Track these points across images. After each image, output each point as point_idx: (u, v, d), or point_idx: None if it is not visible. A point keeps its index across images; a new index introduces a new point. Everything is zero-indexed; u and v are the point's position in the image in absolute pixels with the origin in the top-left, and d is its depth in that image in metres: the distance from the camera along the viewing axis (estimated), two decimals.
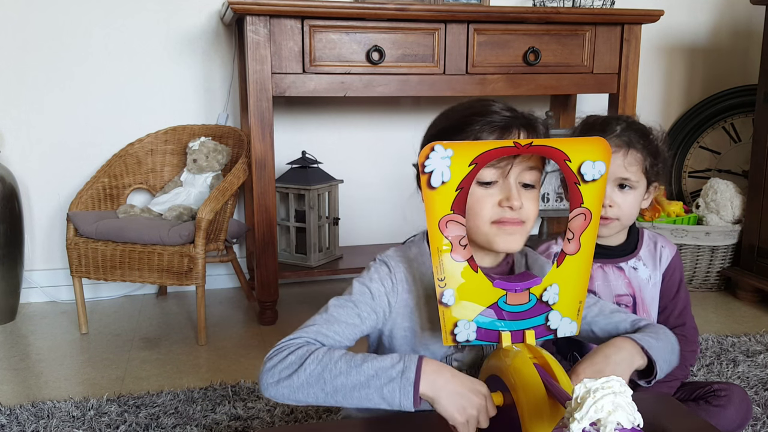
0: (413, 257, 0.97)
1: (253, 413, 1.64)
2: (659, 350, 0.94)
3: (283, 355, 0.84)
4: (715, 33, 3.02)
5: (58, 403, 1.70)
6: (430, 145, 0.77)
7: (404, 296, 0.95)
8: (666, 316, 1.31)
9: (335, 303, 0.93)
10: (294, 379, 0.82)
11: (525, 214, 0.89)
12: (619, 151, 1.20)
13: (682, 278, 1.33)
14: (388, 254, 0.98)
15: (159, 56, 2.49)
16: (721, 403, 1.21)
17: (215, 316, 2.36)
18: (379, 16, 2.13)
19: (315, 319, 0.91)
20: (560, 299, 0.87)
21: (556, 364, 0.79)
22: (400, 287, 0.95)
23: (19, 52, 2.38)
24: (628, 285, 1.27)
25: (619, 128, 1.22)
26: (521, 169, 0.88)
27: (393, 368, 0.80)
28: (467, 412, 0.80)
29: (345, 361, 0.82)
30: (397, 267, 0.96)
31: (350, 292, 0.95)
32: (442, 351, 0.96)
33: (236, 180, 2.17)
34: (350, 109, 2.68)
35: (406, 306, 0.95)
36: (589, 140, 0.81)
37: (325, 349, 0.84)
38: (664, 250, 1.31)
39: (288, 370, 0.83)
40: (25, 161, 2.43)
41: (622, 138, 1.21)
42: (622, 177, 1.21)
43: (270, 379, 0.84)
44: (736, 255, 2.60)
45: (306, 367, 0.82)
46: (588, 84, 2.39)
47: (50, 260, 2.53)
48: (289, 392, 0.83)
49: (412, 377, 0.79)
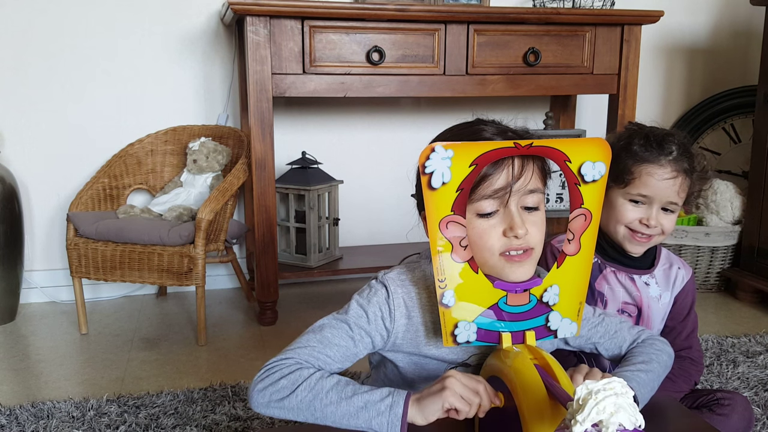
0: (416, 281, 0.94)
1: (253, 414, 1.64)
2: (647, 384, 0.95)
3: (275, 377, 0.85)
4: (715, 34, 3.03)
5: (57, 403, 1.70)
6: (430, 146, 0.77)
7: (402, 321, 0.93)
8: (673, 337, 1.31)
9: (330, 323, 0.92)
10: (285, 403, 0.84)
11: (532, 241, 0.86)
12: (678, 177, 1.19)
13: (693, 302, 1.32)
14: (390, 276, 0.95)
15: (159, 57, 2.49)
16: (725, 412, 1.21)
17: (215, 317, 2.36)
18: (379, 17, 2.13)
19: (308, 339, 0.90)
20: (560, 300, 0.87)
21: (557, 365, 0.79)
22: (398, 313, 0.92)
23: (20, 53, 2.38)
24: (637, 296, 1.27)
25: (675, 150, 1.20)
26: (521, 194, 0.85)
27: (382, 402, 0.81)
28: (447, 388, 0.80)
29: (336, 391, 0.83)
30: (395, 292, 0.93)
31: (347, 311, 0.93)
32: (442, 368, 0.95)
33: (236, 180, 2.17)
34: (350, 110, 2.68)
35: (407, 331, 0.94)
36: (589, 141, 0.81)
37: (317, 376, 0.85)
38: (679, 272, 1.31)
39: (279, 394, 0.84)
40: (25, 161, 2.43)
41: (681, 164, 1.20)
42: (672, 201, 1.21)
43: (261, 400, 0.85)
44: (736, 256, 2.60)
45: (297, 394, 0.83)
46: (588, 85, 2.40)
47: (50, 260, 2.53)
48: (279, 413, 0.85)
49: (400, 412, 0.80)
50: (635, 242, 1.23)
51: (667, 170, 1.19)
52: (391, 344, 0.95)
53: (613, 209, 1.24)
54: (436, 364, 0.96)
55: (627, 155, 1.21)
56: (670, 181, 1.19)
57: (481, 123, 0.93)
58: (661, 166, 1.19)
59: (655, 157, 1.19)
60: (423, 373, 0.97)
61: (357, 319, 0.92)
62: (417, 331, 0.93)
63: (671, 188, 1.19)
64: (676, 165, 1.19)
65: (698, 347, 1.33)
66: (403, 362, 0.97)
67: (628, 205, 1.22)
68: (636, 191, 1.21)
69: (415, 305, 0.93)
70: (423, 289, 0.94)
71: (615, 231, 1.24)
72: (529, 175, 0.85)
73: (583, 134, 2.73)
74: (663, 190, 1.19)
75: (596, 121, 2.80)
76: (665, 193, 1.19)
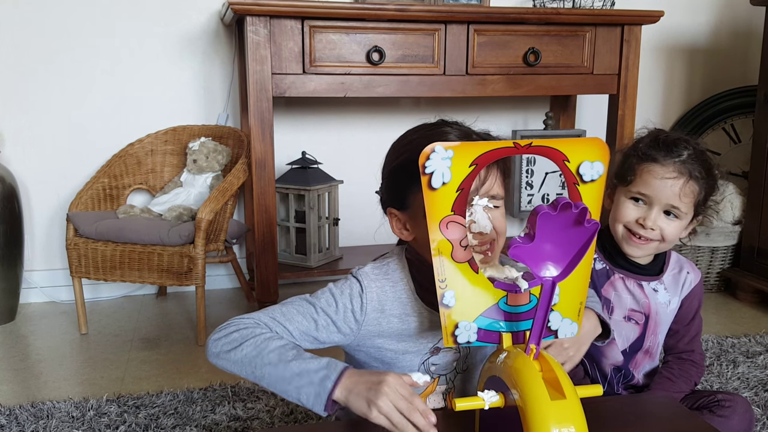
0: (390, 274, 0.98)
1: (253, 414, 1.64)
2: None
3: (230, 329, 0.89)
4: (715, 34, 3.02)
5: (57, 403, 1.70)
6: (431, 146, 0.77)
7: (373, 315, 0.96)
8: (677, 339, 1.30)
9: (297, 302, 0.96)
10: (231, 355, 0.88)
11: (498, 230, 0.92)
12: (679, 179, 1.17)
13: (699, 306, 1.31)
14: (365, 271, 0.99)
15: (159, 56, 2.48)
16: (725, 414, 1.20)
17: (215, 317, 2.36)
18: (379, 17, 2.13)
19: (273, 310, 0.94)
20: (561, 300, 0.87)
21: (557, 365, 0.78)
22: (369, 307, 0.96)
23: (20, 53, 2.37)
24: (645, 304, 1.26)
25: (686, 154, 1.18)
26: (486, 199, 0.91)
27: (316, 373, 0.83)
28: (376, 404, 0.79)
29: (278, 353, 0.86)
30: (369, 287, 0.96)
31: (318, 296, 0.97)
32: (418, 359, 0.98)
33: (236, 180, 2.17)
34: (350, 110, 2.68)
35: (378, 325, 0.97)
36: (587, 141, 0.81)
37: (267, 335, 0.88)
38: (688, 276, 1.29)
39: (229, 345, 0.88)
40: (25, 161, 2.43)
41: (687, 166, 1.17)
42: (673, 205, 1.18)
43: (213, 349, 0.90)
44: (736, 256, 2.60)
45: (243, 348, 0.87)
46: (588, 85, 2.39)
47: (50, 260, 2.53)
48: (226, 365, 0.89)
49: (329, 387, 0.82)
50: (632, 244, 1.21)
51: (669, 170, 1.17)
52: (362, 337, 0.97)
53: (616, 208, 1.23)
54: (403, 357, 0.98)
55: (634, 154, 1.21)
56: (669, 182, 1.17)
57: (444, 125, 0.96)
58: (663, 165, 1.17)
59: (660, 157, 1.18)
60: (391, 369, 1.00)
61: (325, 306, 0.95)
62: (389, 323, 0.97)
63: (671, 189, 1.17)
64: (681, 167, 1.17)
65: (700, 350, 1.33)
66: (367, 358, 1.00)
67: (628, 204, 1.21)
68: (636, 189, 1.19)
69: (387, 298, 0.96)
70: (395, 284, 0.97)
71: (615, 230, 1.23)
72: (492, 180, 0.90)
73: (583, 134, 2.73)
74: (662, 190, 1.17)
75: (596, 121, 2.80)
76: (665, 194, 1.17)
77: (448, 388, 1.02)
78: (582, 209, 0.74)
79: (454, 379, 1.01)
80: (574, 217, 0.74)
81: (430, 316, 0.97)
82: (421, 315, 0.97)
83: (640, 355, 1.29)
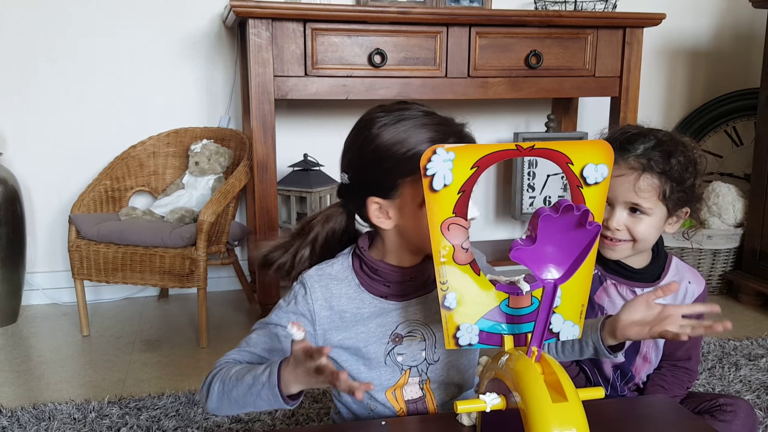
0: (334, 274, 1.00)
1: (254, 416, 1.64)
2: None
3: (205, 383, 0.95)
4: (717, 36, 3.02)
5: (59, 405, 1.70)
6: (432, 148, 0.77)
7: (324, 313, 0.99)
8: (675, 347, 1.27)
9: (257, 326, 1.00)
10: (213, 399, 0.93)
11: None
12: (631, 174, 1.14)
13: (702, 317, 1.29)
14: (308, 273, 1.01)
15: (161, 59, 2.49)
16: (727, 419, 1.18)
17: (217, 319, 2.36)
18: (381, 20, 2.13)
19: (240, 343, 0.99)
20: (563, 302, 0.86)
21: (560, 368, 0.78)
22: (317, 306, 0.98)
23: (22, 55, 2.38)
24: None
25: (642, 147, 1.14)
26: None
27: (263, 374, 0.87)
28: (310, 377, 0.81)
29: (235, 373, 0.91)
30: (313, 287, 0.99)
31: (271, 314, 1.00)
32: (382, 348, 1.00)
33: (238, 182, 2.17)
34: (352, 112, 2.66)
35: (331, 321, 0.99)
36: (591, 143, 0.81)
37: (227, 367, 0.93)
38: (689, 287, 1.25)
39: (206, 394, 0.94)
40: (27, 163, 2.43)
41: (640, 160, 1.14)
42: (632, 201, 1.15)
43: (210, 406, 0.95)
44: (738, 258, 2.60)
45: (213, 387, 0.92)
46: (590, 87, 2.39)
47: (52, 262, 2.53)
48: (216, 409, 0.94)
49: (275, 380, 0.85)
50: (605, 246, 1.19)
51: (621, 167, 1.14)
52: (323, 336, 0.99)
53: None
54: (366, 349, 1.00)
55: None
56: (620, 179, 1.14)
57: (404, 104, 1.00)
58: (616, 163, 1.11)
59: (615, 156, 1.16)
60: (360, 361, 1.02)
61: (278, 320, 0.99)
62: (342, 318, 0.99)
63: (624, 186, 1.14)
64: (634, 162, 1.14)
65: (697, 358, 1.30)
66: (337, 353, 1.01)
67: None
68: None
69: (333, 296, 0.99)
70: (339, 281, 1.00)
71: None
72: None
73: (584, 137, 2.73)
74: (616, 188, 1.14)
75: (598, 123, 2.79)
76: (620, 191, 1.14)
77: (423, 379, 1.02)
78: (584, 212, 0.74)
79: (426, 371, 1.02)
80: (576, 219, 0.74)
81: (380, 305, 0.99)
82: (371, 305, 0.99)
83: (638, 360, 1.28)
